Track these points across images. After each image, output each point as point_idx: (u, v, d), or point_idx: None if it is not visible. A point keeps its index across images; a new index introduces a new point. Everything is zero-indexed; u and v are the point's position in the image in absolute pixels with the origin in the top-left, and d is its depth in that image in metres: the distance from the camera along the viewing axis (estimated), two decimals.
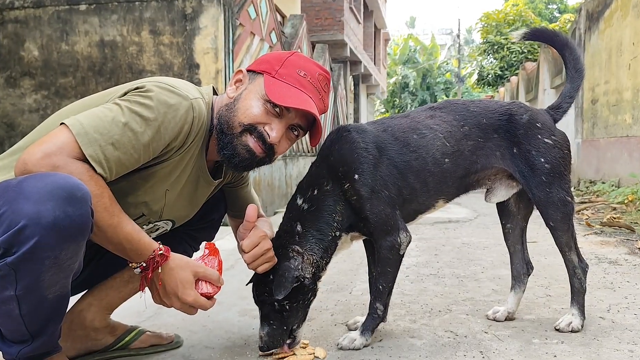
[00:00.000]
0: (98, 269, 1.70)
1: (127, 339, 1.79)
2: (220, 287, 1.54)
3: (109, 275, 1.70)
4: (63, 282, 1.27)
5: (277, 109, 1.54)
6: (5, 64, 5.16)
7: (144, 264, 1.41)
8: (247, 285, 1.79)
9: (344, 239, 1.79)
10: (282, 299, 1.65)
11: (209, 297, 1.51)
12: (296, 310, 1.70)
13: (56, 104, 5.05)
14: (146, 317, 2.16)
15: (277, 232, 1.77)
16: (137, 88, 1.44)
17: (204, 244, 1.67)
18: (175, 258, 1.46)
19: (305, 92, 1.57)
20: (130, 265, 1.43)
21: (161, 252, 1.43)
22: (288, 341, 1.72)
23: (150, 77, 1.49)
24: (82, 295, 1.73)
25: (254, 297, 1.73)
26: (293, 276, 1.65)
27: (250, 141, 1.54)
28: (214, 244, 1.61)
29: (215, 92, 1.69)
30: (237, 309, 2.27)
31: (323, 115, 1.69)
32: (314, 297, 1.75)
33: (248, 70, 1.63)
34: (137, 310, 2.16)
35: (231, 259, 3.28)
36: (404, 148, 1.81)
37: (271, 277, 1.66)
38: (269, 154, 1.57)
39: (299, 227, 1.73)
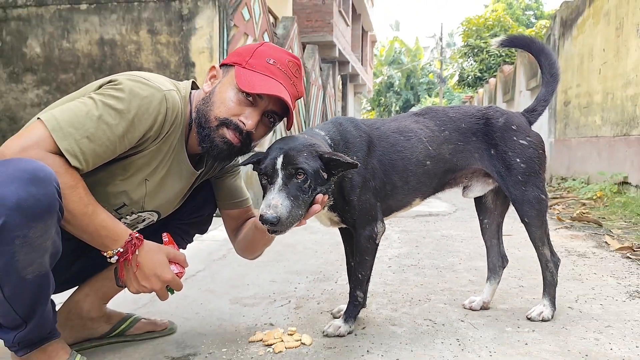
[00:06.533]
0: (90, 261, 1.66)
1: (122, 326, 1.77)
2: (184, 270, 1.53)
3: (103, 267, 1.67)
4: (39, 261, 1.24)
5: (250, 98, 1.53)
6: (8, 60, 5.07)
7: (121, 250, 1.39)
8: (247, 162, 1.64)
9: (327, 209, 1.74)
10: (313, 180, 1.52)
11: (180, 277, 1.51)
12: (310, 200, 1.55)
13: (57, 98, 4.92)
14: (141, 304, 2.14)
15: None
16: (110, 81, 1.42)
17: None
18: (148, 242, 1.46)
19: (275, 79, 1.55)
20: (105, 254, 1.40)
21: (137, 235, 1.42)
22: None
23: (124, 72, 1.48)
24: (79, 286, 1.71)
25: (271, 168, 1.53)
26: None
27: (228, 133, 1.53)
28: (169, 234, 1.60)
29: (196, 87, 1.67)
30: (228, 297, 2.25)
31: (300, 104, 1.66)
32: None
33: (222, 65, 1.62)
34: (132, 299, 2.13)
35: (223, 249, 3.27)
36: (391, 147, 1.82)
37: (314, 142, 1.58)
38: (246, 142, 1.56)
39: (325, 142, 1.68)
